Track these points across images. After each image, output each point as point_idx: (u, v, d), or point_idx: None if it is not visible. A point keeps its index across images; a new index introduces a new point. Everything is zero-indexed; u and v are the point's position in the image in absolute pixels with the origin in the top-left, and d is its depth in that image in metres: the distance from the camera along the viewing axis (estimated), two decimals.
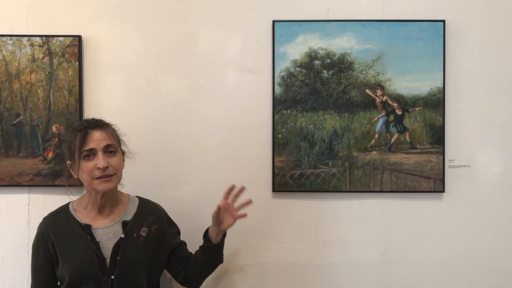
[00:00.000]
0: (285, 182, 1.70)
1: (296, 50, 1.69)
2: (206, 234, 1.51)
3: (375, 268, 1.74)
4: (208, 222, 1.61)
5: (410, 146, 1.70)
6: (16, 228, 1.73)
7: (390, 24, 1.68)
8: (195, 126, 1.72)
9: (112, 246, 1.39)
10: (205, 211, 1.72)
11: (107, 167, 1.37)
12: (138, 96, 1.72)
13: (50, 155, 1.70)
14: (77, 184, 1.49)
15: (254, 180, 1.72)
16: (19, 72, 1.69)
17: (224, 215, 1.47)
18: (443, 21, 1.68)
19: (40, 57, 1.69)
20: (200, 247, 1.53)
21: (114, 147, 1.41)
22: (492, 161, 1.72)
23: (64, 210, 1.46)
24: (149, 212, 1.49)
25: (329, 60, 1.69)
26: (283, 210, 1.73)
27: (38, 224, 1.75)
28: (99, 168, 1.36)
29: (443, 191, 1.70)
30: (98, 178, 1.37)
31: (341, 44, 1.69)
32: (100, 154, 1.37)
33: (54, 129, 1.70)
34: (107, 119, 1.68)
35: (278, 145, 1.70)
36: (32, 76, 1.69)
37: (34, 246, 1.46)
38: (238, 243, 1.73)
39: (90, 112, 1.71)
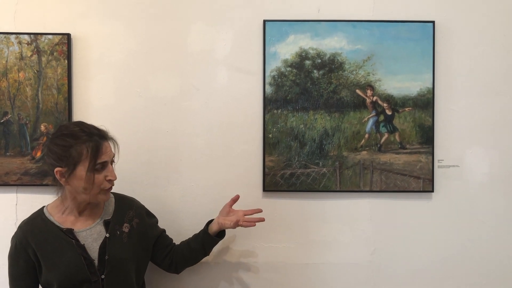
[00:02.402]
0: (275, 182, 1.70)
1: (287, 49, 1.69)
2: (208, 224, 1.54)
3: (365, 267, 1.75)
4: (197, 222, 1.61)
5: (399, 146, 1.71)
6: (4, 228, 1.70)
7: (381, 25, 1.69)
8: (185, 125, 1.72)
9: (98, 247, 1.38)
10: (195, 210, 1.72)
11: None
12: (127, 94, 1.71)
13: (39, 154, 1.68)
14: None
15: (245, 179, 1.72)
16: (6, 70, 1.67)
17: (233, 216, 1.52)
18: (433, 22, 1.69)
19: (28, 55, 1.67)
20: (195, 235, 1.56)
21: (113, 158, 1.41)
22: (481, 161, 1.74)
23: (40, 216, 1.41)
24: (128, 207, 1.49)
25: (319, 60, 1.69)
26: (273, 209, 1.73)
27: None
28: (109, 180, 1.36)
29: (432, 191, 1.72)
30: (106, 189, 1.37)
31: (331, 44, 1.69)
32: (110, 166, 1.37)
33: (42, 128, 1.68)
34: (97, 117, 1.69)
35: (269, 145, 1.70)
36: (20, 74, 1.67)
37: (12, 256, 1.40)
38: (228, 243, 1.73)
39: (80, 111, 1.70)
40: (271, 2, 1.71)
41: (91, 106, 1.70)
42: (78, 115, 1.69)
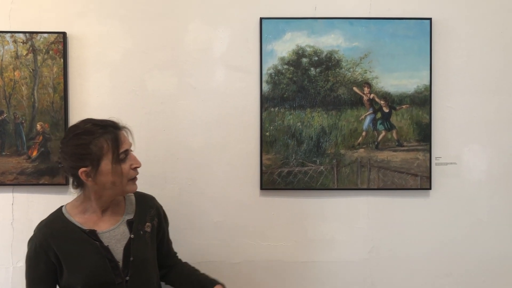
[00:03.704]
0: (273, 180, 1.70)
1: (284, 47, 1.69)
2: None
3: (362, 265, 1.75)
4: (195, 221, 1.61)
5: (397, 143, 1.71)
6: (0, 228, 1.70)
7: (377, 22, 1.69)
8: (182, 124, 1.71)
9: (122, 248, 1.34)
10: (193, 209, 1.72)
11: None
12: (124, 94, 1.70)
13: (35, 153, 1.68)
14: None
15: (242, 178, 1.72)
16: (2, 69, 1.66)
17: None
18: (430, 19, 1.69)
19: (24, 54, 1.66)
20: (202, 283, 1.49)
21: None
22: (478, 159, 1.74)
23: (59, 217, 1.34)
24: (149, 206, 1.45)
25: (316, 58, 1.69)
26: (271, 208, 1.73)
27: (22, 224, 1.73)
28: (135, 168, 1.34)
29: (430, 188, 1.71)
30: (132, 179, 1.34)
31: (328, 41, 1.69)
32: (132, 154, 1.34)
33: (38, 127, 1.67)
34: (93, 116, 1.67)
35: (266, 143, 1.70)
36: (15, 73, 1.66)
37: (31, 259, 1.32)
38: (226, 241, 1.73)
39: (76, 110, 1.69)
40: (267, 0, 1.70)
41: (87, 105, 1.70)
42: (74, 114, 1.69)
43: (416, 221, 1.74)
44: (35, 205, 1.69)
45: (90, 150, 1.27)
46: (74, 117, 1.68)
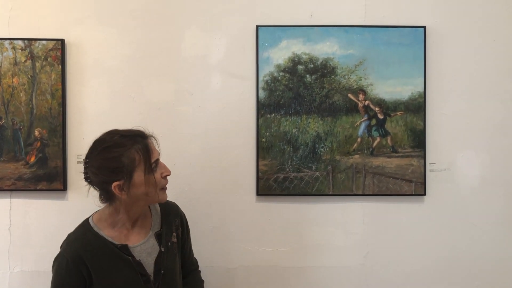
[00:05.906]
0: (269, 186, 1.71)
1: (280, 55, 1.71)
2: None
3: (358, 270, 1.76)
4: (191, 226, 1.62)
5: (391, 150, 1.72)
6: None
7: (372, 30, 1.71)
8: (179, 130, 1.73)
9: (153, 262, 1.33)
10: (190, 214, 1.72)
11: None
12: (122, 100, 1.72)
13: (33, 159, 1.69)
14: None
15: (238, 183, 1.73)
16: (0, 76, 1.67)
17: None
18: (424, 27, 1.71)
19: (22, 61, 1.68)
20: None
21: None
22: (472, 165, 1.76)
23: (89, 231, 1.30)
24: (174, 216, 1.44)
25: (312, 65, 1.71)
26: (267, 213, 1.74)
27: (20, 229, 1.74)
28: (165, 176, 1.32)
29: (424, 194, 1.73)
30: (162, 188, 1.32)
31: (324, 49, 1.71)
32: (162, 163, 1.32)
33: (36, 133, 1.69)
34: (91, 123, 1.70)
35: (262, 149, 1.71)
36: (14, 80, 1.68)
37: (62, 276, 1.26)
38: (222, 247, 1.74)
39: (74, 116, 1.70)
40: (264, 8, 1.72)
41: (85, 112, 1.71)
42: (72, 120, 1.70)
43: (411, 227, 1.75)
44: (33, 211, 1.70)
45: (122, 163, 1.23)
46: (72, 123, 1.70)
